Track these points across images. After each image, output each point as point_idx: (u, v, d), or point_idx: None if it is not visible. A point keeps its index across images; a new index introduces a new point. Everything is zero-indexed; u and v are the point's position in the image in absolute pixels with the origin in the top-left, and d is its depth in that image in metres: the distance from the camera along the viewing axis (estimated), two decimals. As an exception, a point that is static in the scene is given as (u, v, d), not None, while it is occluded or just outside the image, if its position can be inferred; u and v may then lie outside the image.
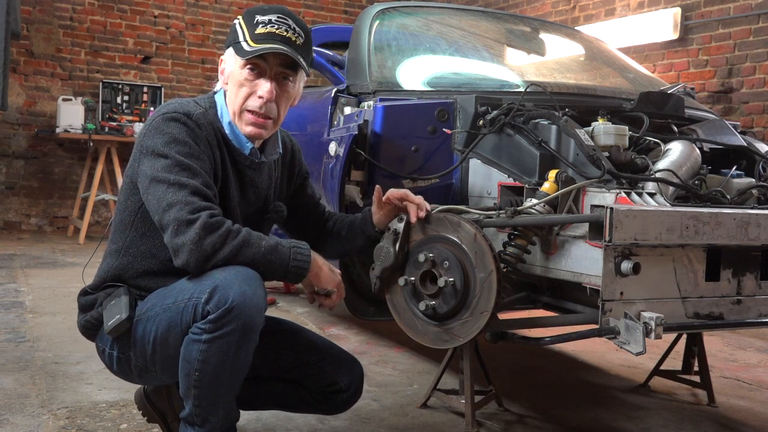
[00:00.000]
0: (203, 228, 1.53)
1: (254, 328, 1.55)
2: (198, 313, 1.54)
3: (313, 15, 8.05)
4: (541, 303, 2.20)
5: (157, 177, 1.60)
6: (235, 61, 1.73)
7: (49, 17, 6.96)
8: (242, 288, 1.51)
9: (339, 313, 3.90)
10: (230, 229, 1.57)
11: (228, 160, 1.75)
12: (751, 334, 3.89)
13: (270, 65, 1.71)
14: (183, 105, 1.71)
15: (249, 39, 1.70)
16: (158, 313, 1.63)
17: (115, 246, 1.77)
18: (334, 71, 3.02)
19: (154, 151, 1.63)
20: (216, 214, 1.57)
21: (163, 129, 1.64)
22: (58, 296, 4.00)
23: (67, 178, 7.09)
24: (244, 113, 1.73)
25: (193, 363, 1.55)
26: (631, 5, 6.06)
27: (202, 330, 1.53)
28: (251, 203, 1.83)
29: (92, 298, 1.77)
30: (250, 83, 1.72)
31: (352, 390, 1.89)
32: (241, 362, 1.57)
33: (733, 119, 4.89)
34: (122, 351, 1.72)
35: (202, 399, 1.59)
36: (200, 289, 1.54)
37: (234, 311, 1.50)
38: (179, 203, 1.56)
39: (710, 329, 2.63)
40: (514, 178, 2.08)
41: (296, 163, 2.00)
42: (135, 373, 1.76)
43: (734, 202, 2.01)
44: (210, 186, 1.64)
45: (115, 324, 1.65)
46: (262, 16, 1.72)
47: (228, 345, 1.52)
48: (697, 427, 2.43)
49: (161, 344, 1.63)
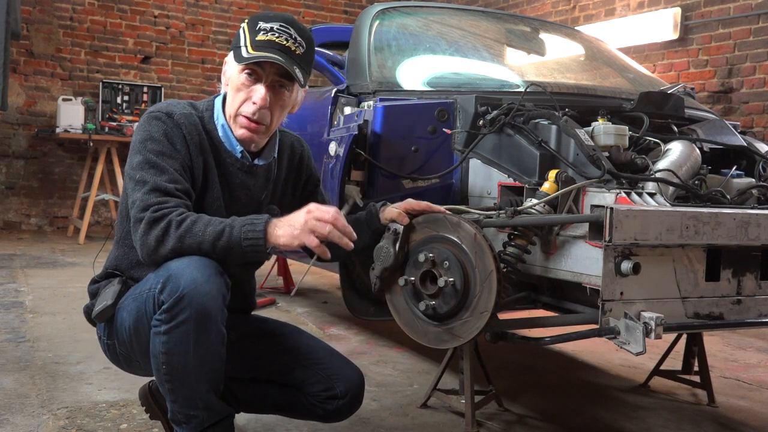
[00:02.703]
0: (147, 223, 1.59)
1: (209, 315, 1.54)
2: (155, 304, 1.56)
3: (313, 15, 8.04)
4: (541, 303, 2.20)
5: (129, 174, 1.68)
6: (234, 65, 1.76)
7: (49, 17, 6.96)
8: (193, 275, 1.52)
9: (339, 313, 3.90)
10: (172, 220, 1.58)
11: (214, 162, 1.77)
12: (751, 334, 3.89)
13: (266, 73, 1.73)
14: (170, 105, 1.75)
15: (249, 45, 1.71)
16: (129, 303, 1.69)
17: (116, 237, 1.84)
18: (334, 71, 3.02)
19: (133, 148, 1.71)
20: (164, 208, 1.59)
21: (144, 127, 1.71)
22: (58, 296, 4.00)
23: (67, 178, 7.09)
24: (239, 117, 1.76)
25: (159, 356, 1.57)
26: (631, 5, 6.06)
27: (160, 321, 1.55)
28: (243, 205, 1.83)
29: (96, 286, 1.84)
30: (247, 88, 1.74)
31: (348, 398, 1.85)
32: (206, 351, 1.56)
33: (733, 119, 4.89)
34: (109, 338, 1.78)
35: (176, 393, 1.60)
36: (157, 279, 1.57)
37: (185, 299, 1.51)
38: (137, 200, 1.62)
39: (710, 329, 2.64)
40: (514, 178, 2.08)
41: (304, 167, 2.00)
42: (122, 360, 1.82)
43: (734, 202, 2.01)
44: (177, 181, 1.66)
45: (99, 310, 1.72)
46: (265, 23, 1.73)
47: (185, 334, 1.53)
48: (697, 427, 2.43)
49: (134, 333, 1.67)
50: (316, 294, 4.51)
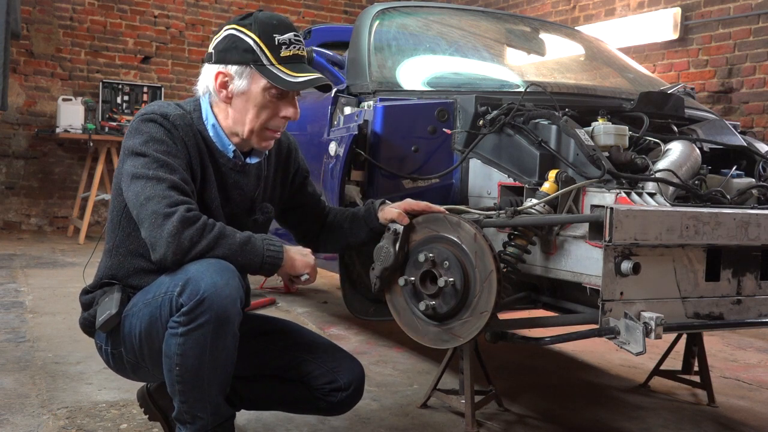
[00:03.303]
0: (181, 221, 1.55)
1: (228, 318, 1.55)
2: (173, 307, 1.56)
3: (313, 15, 8.04)
4: (541, 303, 2.20)
5: (137, 173, 1.63)
6: (254, 81, 1.72)
7: (49, 17, 6.96)
8: (213, 279, 1.52)
9: (339, 313, 3.90)
10: (207, 223, 1.59)
11: (209, 163, 1.76)
12: (751, 334, 3.89)
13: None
14: (161, 107, 1.73)
15: (275, 62, 1.70)
16: (141, 309, 1.66)
17: (108, 246, 1.81)
18: (334, 71, 3.02)
19: (134, 151, 1.66)
20: (193, 209, 1.60)
21: (141, 129, 1.68)
22: (58, 296, 4.00)
23: (67, 178, 7.09)
24: (266, 131, 1.76)
25: (173, 358, 1.56)
26: (631, 5, 6.06)
27: (178, 323, 1.54)
28: (236, 204, 1.84)
29: (90, 296, 1.81)
30: (274, 105, 1.74)
31: (351, 389, 1.88)
32: (221, 354, 1.58)
33: (733, 119, 4.89)
34: (114, 347, 1.76)
35: (187, 395, 1.60)
36: (174, 282, 1.56)
37: (206, 302, 1.51)
38: (157, 197, 1.58)
39: (710, 329, 2.64)
40: (514, 178, 2.08)
41: (292, 161, 2.00)
42: (129, 369, 1.80)
43: (734, 202, 2.01)
44: (188, 182, 1.66)
45: (104, 320, 1.69)
46: (280, 35, 1.71)
47: (204, 337, 1.53)
48: (697, 427, 2.43)
49: (146, 339, 1.66)
50: (316, 294, 4.51)
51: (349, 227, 2.00)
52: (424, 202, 1.90)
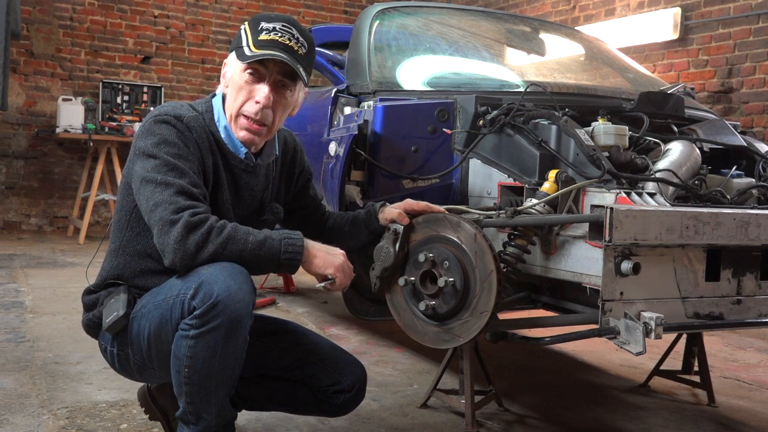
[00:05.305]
0: (185, 227, 1.55)
1: (240, 322, 1.55)
2: (185, 309, 1.55)
3: (313, 15, 8.04)
4: (541, 303, 2.20)
5: (146, 177, 1.63)
6: (236, 65, 1.75)
7: (49, 17, 6.96)
8: (227, 283, 1.52)
9: (339, 313, 3.90)
10: (213, 226, 1.57)
11: (221, 164, 1.76)
12: (751, 334, 3.89)
13: (270, 72, 1.73)
14: (175, 108, 1.73)
15: (251, 44, 1.71)
16: (150, 310, 1.65)
17: (114, 245, 1.80)
18: (334, 71, 3.02)
19: (145, 152, 1.66)
20: (199, 212, 1.58)
21: (154, 131, 1.67)
22: (58, 296, 4.00)
23: (67, 178, 7.09)
24: (240, 117, 1.75)
25: (183, 359, 1.56)
26: (631, 5, 6.06)
27: (189, 326, 1.54)
28: (247, 205, 1.84)
29: (95, 297, 1.80)
30: (249, 87, 1.73)
31: (354, 391, 1.88)
32: (230, 358, 1.58)
33: (733, 119, 4.89)
34: (121, 348, 1.74)
35: (193, 396, 1.60)
36: (187, 285, 1.56)
37: (219, 306, 1.51)
38: (164, 203, 1.58)
39: (710, 329, 2.64)
40: (514, 178, 2.08)
41: (297, 163, 2.00)
42: (135, 370, 1.78)
43: (734, 202, 2.01)
44: (198, 185, 1.65)
45: (112, 321, 1.68)
46: (267, 23, 1.73)
47: (215, 340, 1.53)
48: (697, 427, 2.43)
49: (155, 341, 1.65)
50: (316, 294, 4.51)
51: (349, 230, 2.00)
52: (424, 202, 1.90)
